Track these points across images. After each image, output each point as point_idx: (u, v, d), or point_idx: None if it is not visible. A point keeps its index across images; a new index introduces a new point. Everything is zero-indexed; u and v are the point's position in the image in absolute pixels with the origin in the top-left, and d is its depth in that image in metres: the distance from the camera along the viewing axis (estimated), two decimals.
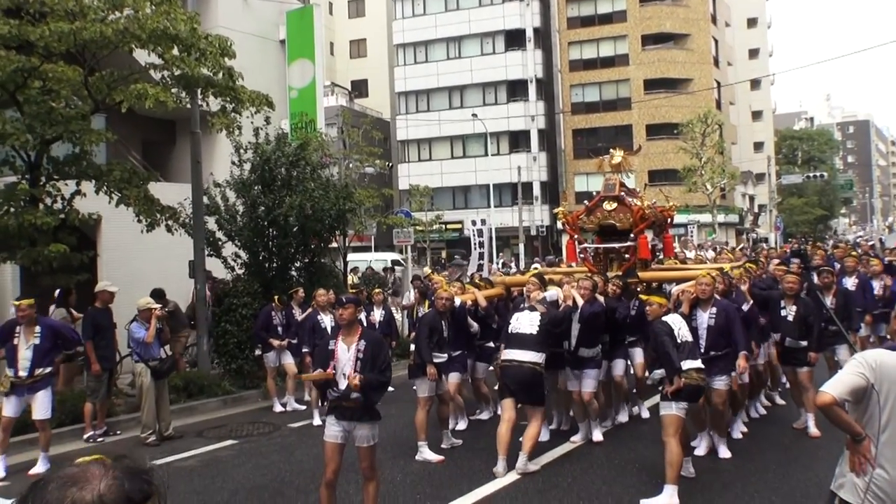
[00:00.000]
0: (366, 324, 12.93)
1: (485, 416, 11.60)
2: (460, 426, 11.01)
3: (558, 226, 54.88)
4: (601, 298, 10.07)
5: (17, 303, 9.98)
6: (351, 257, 22.22)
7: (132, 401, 12.46)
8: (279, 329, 13.02)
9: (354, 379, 6.50)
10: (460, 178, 57.23)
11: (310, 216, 14.80)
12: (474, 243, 29.54)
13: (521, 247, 45.59)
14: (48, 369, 9.76)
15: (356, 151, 26.88)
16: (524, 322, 9.05)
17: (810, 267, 13.65)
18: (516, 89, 57.41)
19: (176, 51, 12.20)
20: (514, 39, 57.31)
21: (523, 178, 49.88)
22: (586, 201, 12.43)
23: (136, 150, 20.15)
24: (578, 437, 10.15)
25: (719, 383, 9.00)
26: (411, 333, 13.69)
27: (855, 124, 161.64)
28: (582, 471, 8.88)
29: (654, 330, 8.17)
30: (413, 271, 25.12)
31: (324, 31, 24.82)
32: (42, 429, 9.68)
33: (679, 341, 8.00)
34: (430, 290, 12.48)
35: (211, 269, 15.46)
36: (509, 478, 8.56)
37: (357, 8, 65.28)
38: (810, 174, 65.12)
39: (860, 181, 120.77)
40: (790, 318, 10.29)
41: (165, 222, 13.75)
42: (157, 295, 13.28)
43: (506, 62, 57.13)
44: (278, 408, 12.95)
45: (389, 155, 53.68)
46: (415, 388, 10.01)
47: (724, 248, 30.49)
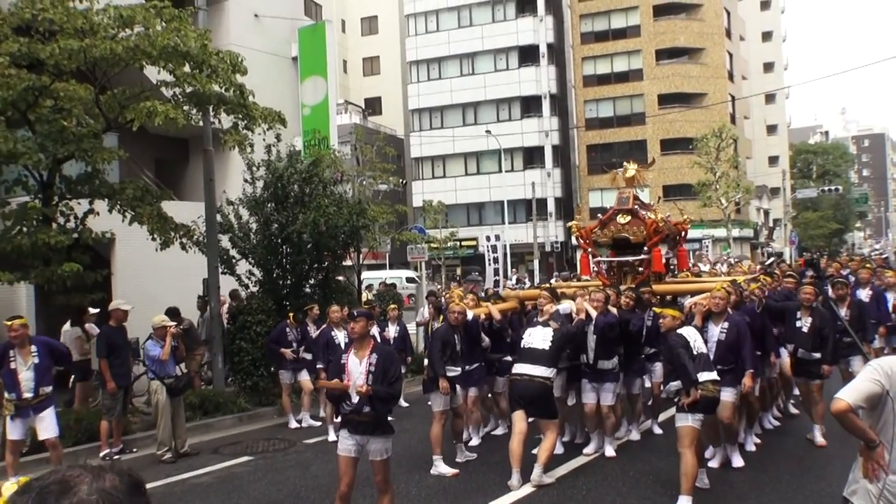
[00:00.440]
0: (380, 340, 12.93)
1: (499, 432, 11.52)
2: (473, 442, 10.95)
3: (573, 241, 54.71)
4: (614, 310, 10.03)
5: (9, 322, 9.47)
6: (365, 275, 22.25)
7: (148, 418, 12.44)
8: (293, 345, 13.03)
9: (363, 387, 6.48)
10: (474, 194, 57.28)
11: (323, 233, 14.80)
12: (488, 259, 29.50)
13: (536, 263, 45.54)
14: (50, 388, 9.58)
15: (369, 168, 26.91)
16: (537, 337, 9.04)
17: (824, 277, 13.54)
18: (530, 105, 57.51)
19: (187, 68, 12.24)
20: (528, 55, 57.46)
21: (538, 194, 49.85)
22: (600, 215, 12.39)
23: (149, 168, 20.22)
24: (591, 450, 10.09)
25: (726, 395, 8.90)
26: (426, 349, 13.65)
27: (870, 138, 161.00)
28: (596, 483, 8.82)
29: (669, 342, 8.13)
30: (427, 288, 25.11)
31: (336, 49, 24.91)
32: (53, 448, 9.52)
33: (695, 353, 7.96)
34: (445, 305, 12.45)
35: (224, 286, 15.45)
36: (524, 491, 8.51)
37: (370, 25, 65.67)
38: (825, 188, 64.80)
39: (875, 195, 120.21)
40: (805, 329, 10.20)
41: (179, 240, 13.76)
42: (172, 313, 13.29)
43: (519, 78, 57.27)
44: (294, 424, 12.93)
45: (403, 172, 53.78)
46: (430, 402, 9.97)
47: (738, 262, 30.34)
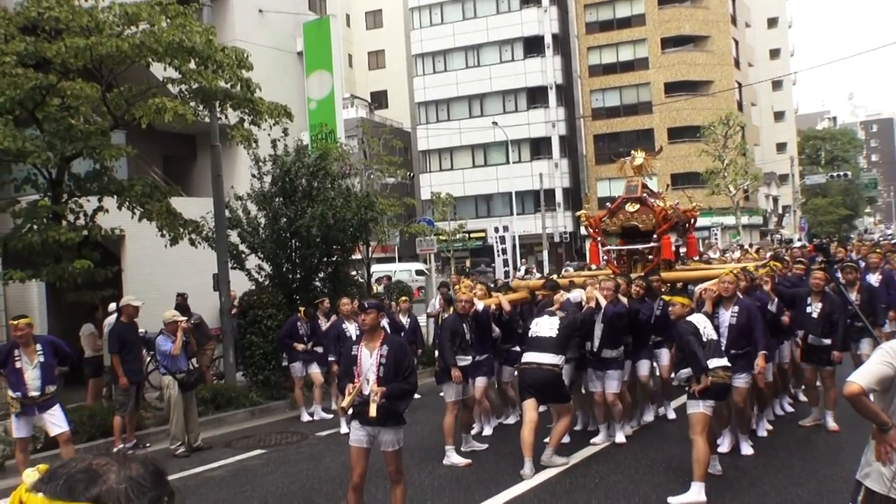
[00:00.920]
0: (392, 327, 12.97)
1: (511, 420, 11.54)
2: (486, 431, 10.96)
3: (582, 231, 54.75)
4: (624, 299, 10.03)
5: (14, 322, 9.43)
6: (374, 268, 22.23)
7: (160, 413, 12.50)
8: (304, 338, 13.07)
9: (377, 394, 6.47)
10: (482, 186, 57.24)
11: (332, 226, 14.81)
12: (497, 251, 29.50)
13: (545, 253, 45.52)
14: (55, 386, 9.52)
15: (377, 161, 26.90)
16: (544, 326, 9.10)
17: (833, 262, 13.49)
18: (536, 96, 57.42)
19: (193, 64, 12.24)
20: (533, 46, 57.33)
21: (545, 184, 49.78)
22: (609, 204, 12.37)
23: (156, 165, 20.27)
24: (599, 439, 10.11)
25: (739, 381, 8.91)
26: (436, 340, 13.66)
27: (878, 123, 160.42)
28: (609, 471, 8.84)
29: (679, 330, 8.14)
30: (440, 279, 25.10)
31: (341, 43, 24.91)
32: (64, 444, 9.49)
33: (704, 340, 7.97)
34: (455, 296, 12.47)
35: (234, 281, 15.47)
36: (536, 479, 8.53)
37: (375, 19, 65.58)
38: (834, 174, 64.55)
39: (884, 179, 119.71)
40: (815, 315, 10.16)
41: (188, 236, 13.79)
42: (181, 309, 13.35)
43: (525, 69, 57.14)
44: (306, 417, 12.98)
45: (410, 165, 53.75)
46: (441, 393, 9.99)
47: (748, 249, 30.27)
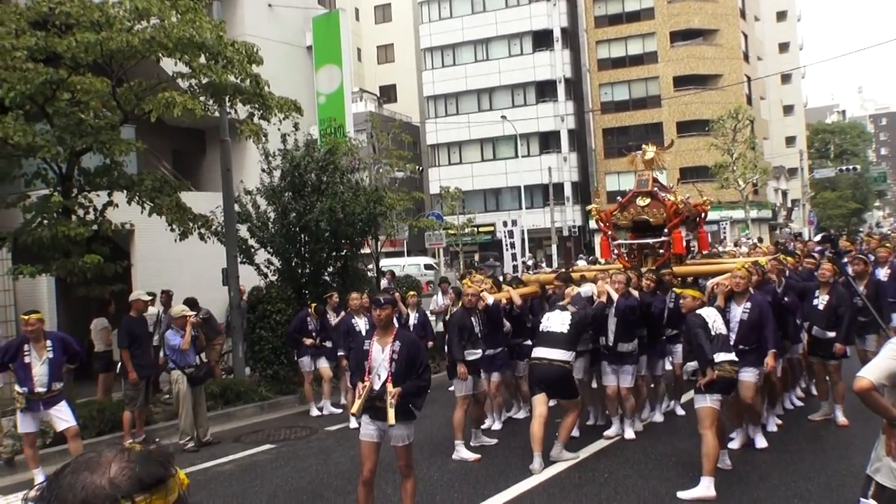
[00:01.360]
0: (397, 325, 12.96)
1: (521, 415, 11.53)
2: (495, 427, 10.95)
3: (591, 225, 54.66)
4: (635, 293, 10.00)
5: (25, 317, 9.51)
6: (383, 262, 22.24)
7: (170, 408, 12.52)
8: (313, 333, 13.07)
9: (394, 397, 6.47)
10: (491, 180, 57.20)
11: (341, 220, 14.82)
12: (506, 245, 29.47)
13: (554, 247, 45.48)
14: (62, 383, 9.56)
15: (386, 156, 26.89)
16: (555, 321, 9.08)
17: (840, 252, 13.45)
18: (545, 90, 57.29)
19: (203, 59, 12.25)
20: (542, 40, 57.19)
21: (554, 178, 49.77)
22: (619, 198, 12.33)
23: (166, 159, 20.31)
24: (611, 432, 10.10)
25: (748, 375, 8.86)
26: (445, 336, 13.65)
27: (888, 116, 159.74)
28: (618, 465, 8.84)
29: (688, 322, 8.16)
30: (445, 274, 25.12)
31: (350, 37, 24.88)
32: (73, 438, 9.54)
33: (713, 333, 7.96)
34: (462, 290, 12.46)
35: (243, 276, 15.49)
36: (546, 474, 8.54)
37: (384, 13, 65.55)
38: (843, 168, 64.27)
39: (893, 173, 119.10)
40: (821, 307, 10.15)
41: (198, 231, 13.81)
42: (190, 304, 13.37)
43: (534, 63, 57.01)
44: (315, 412, 12.99)
45: (419, 159, 53.72)
46: (451, 388, 9.98)
47: (756, 243, 30.19)
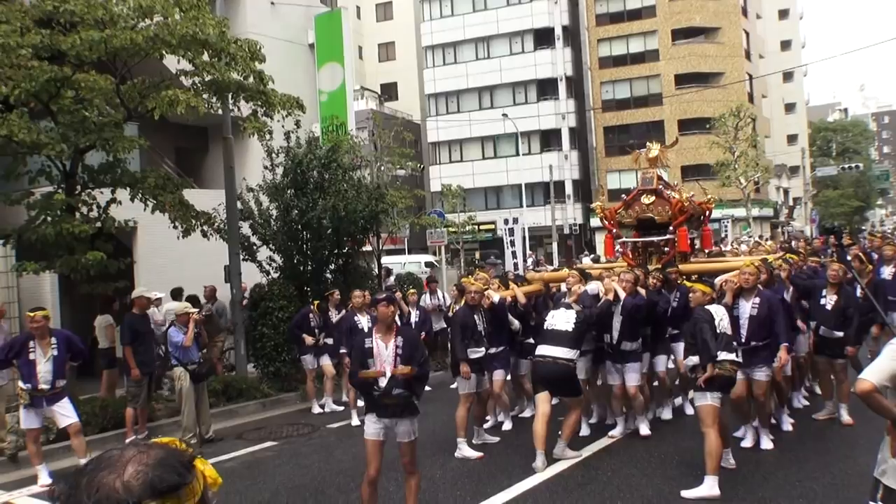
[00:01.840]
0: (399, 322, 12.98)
1: (527, 413, 11.52)
2: (506, 426, 10.93)
3: (592, 223, 54.68)
4: (643, 291, 9.99)
5: (31, 313, 9.59)
6: (384, 260, 22.23)
7: (172, 405, 12.54)
8: (316, 331, 13.08)
9: (406, 368, 6.53)
10: (492, 178, 57.12)
11: (343, 218, 14.84)
12: (506, 242, 29.43)
13: (555, 245, 45.40)
14: (65, 381, 9.61)
15: (388, 154, 26.88)
16: (559, 319, 9.03)
17: (844, 245, 13.45)
18: (546, 88, 57.20)
19: (206, 56, 12.27)
20: (543, 38, 57.08)
21: (555, 176, 49.69)
22: (624, 195, 12.32)
23: (168, 157, 20.31)
24: (617, 432, 10.08)
25: (760, 374, 8.90)
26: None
27: (890, 114, 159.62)
28: (622, 464, 8.84)
29: (695, 316, 8.14)
30: (445, 273, 25.06)
31: (352, 35, 24.88)
32: (75, 435, 9.57)
33: (718, 331, 7.94)
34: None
35: (245, 273, 15.50)
36: (549, 472, 8.54)
37: (385, 11, 65.43)
38: (845, 166, 64.16)
39: None
40: (829, 307, 10.12)
41: (201, 228, 13.82)
42: (192, 301, 13.39)
43: (535, 61, 56.89)
44: (317, 409, 13.01)
45: (421, 157, 53.68)
46: (453, 385, 9.99)
47: (758, 241, 30.14)
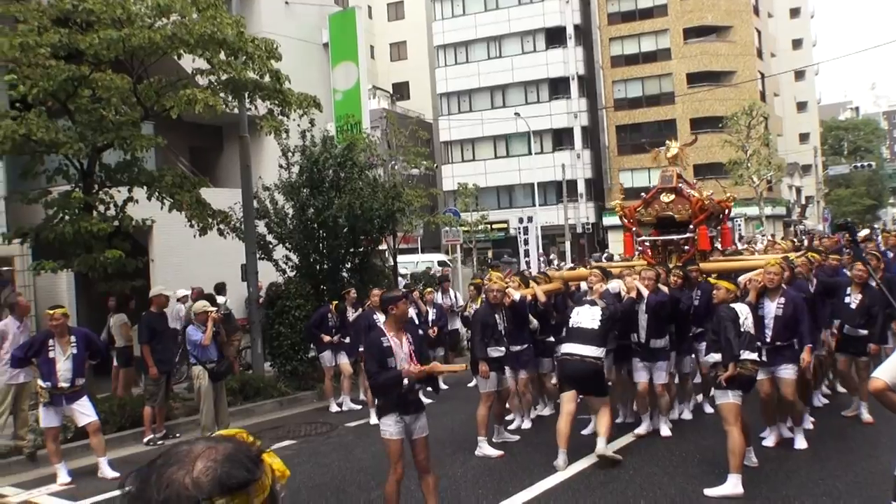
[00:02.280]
0: (417, 322, 13.02)
1: (546, 412, 11.48)
2: (525, 425, 10.88)
3: (604, 222, 54.61)
4: (665, 288, 9.93)
5: (50, 311, 9.63)
6: (398, 258, 22.24)
7: (190, 404, 12.54)
8: (332, 330, 13.06)
9: (440, 365, 6.61)
10: (504, 177, 57.07)
11: (359, 216, 14.82)
12: (520, 241, 29.40)
13: (567, 244, 45.32)
14: (83, 379, 9.67)
15: (403, 153, 26.87)
16: (585, 316, 8.96)
17: (857, 241, 13.40)
18: (558, 87, 57.12)
19: (223, 55, 12.27)
20: (555, 37, 56.99)
21: (567, 175, 49.58)
22: (643, 194, 12.25)
23: (183, 156, 20.35)
24: (643, 430, 10.01)
25: (786, 372, 8.83)
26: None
27: None
28: (644, 462, 8.78)
29: (719, 313, 8.08)
30: (459, 271, 25.05)
31: (364, 35, 24.88)
32: (94, 433, 9.62)
33: (742, 330, 7.89)
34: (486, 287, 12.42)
35: (262, 272, 15.51)
36: (570, 471, 8.49)
37: (397, 11, 65.38)
38: (857, 164, 63.98)
39: None
40: (853, 305, 10.11)
41: (217, 226, 13.84)
42: (209, 299, 13.40)
43: (547, 60, 56.82)
44: (334, 408, 12.99)
45: (433, 156, 53.65)
46: (470, 384, 9.95)
47: (771, 240, 30.07)
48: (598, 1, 57.74)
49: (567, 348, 8.93)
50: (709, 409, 11.07)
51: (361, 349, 11.90)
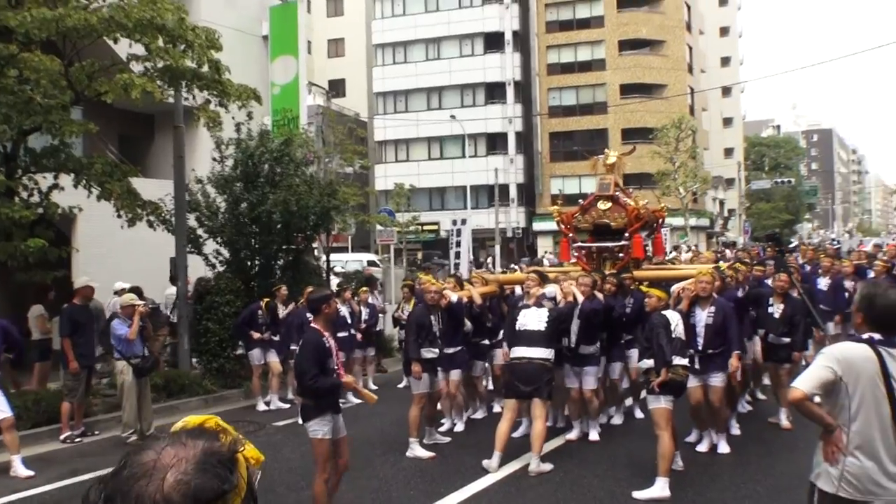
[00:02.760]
0: (350, 321, 12.88)
1: (479, 416, 11.46)
2: (458, 427, 10.83)
3: (534, 227, 55.08)
4: (600, 296, 10.00)
5: None
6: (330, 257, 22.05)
7: (110, 400, 12.20)
8: (263, 327, 12.86)
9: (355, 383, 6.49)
10: (437, 179, 57.15)
11: (294, 213, 14.61)
12: (451, 243, 29.39)
13: (497, 248, 45.56)
14: None
15: (341, 150, 26.66)
16: (531, 319, 9.00)
17: (784, 251, 13.80)
18: (494, 92, 57.46)
19: (161, 42, 11.95)
20: (493, 42, 57.33)
21: (500, 179, 49.89)
22: (581, 200, 12.32)
23: (112, 143, 19.83)
24: (573, 435, 10.08)
25: (716, 380, 9.11)
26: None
27: (819, 133, 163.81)
28: (574, 465, 8.87)
29: (652, 321, 8.23)
30: (390, 271, 24.95)
31: (303, 29, 24.63)
32: (8, 430, 9.19)
33: (673, 336, 8.03)
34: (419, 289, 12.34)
35: (191, 266, 15.20)
36: (502, 472, 8.52)
37: (336, 7, 64.92)
38: (778, 180, 65.79)
39: (823, 188, 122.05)
40: (776, 315, 10.45)
41: (147, 218, 13.50)
42: (136, 292, 13.05)
43: (484, 64, 57.17)
44: (262, 406, 12.79)
45: (367, 155, 53.45)
46: (401, 385, 9.88)
47: (695, 250, 30.73)
48: (536, 8, 58.24)
49: (515, 352, 8.96)
50: (639, 414, 11.21)
51: (293, 347, 11.75)
